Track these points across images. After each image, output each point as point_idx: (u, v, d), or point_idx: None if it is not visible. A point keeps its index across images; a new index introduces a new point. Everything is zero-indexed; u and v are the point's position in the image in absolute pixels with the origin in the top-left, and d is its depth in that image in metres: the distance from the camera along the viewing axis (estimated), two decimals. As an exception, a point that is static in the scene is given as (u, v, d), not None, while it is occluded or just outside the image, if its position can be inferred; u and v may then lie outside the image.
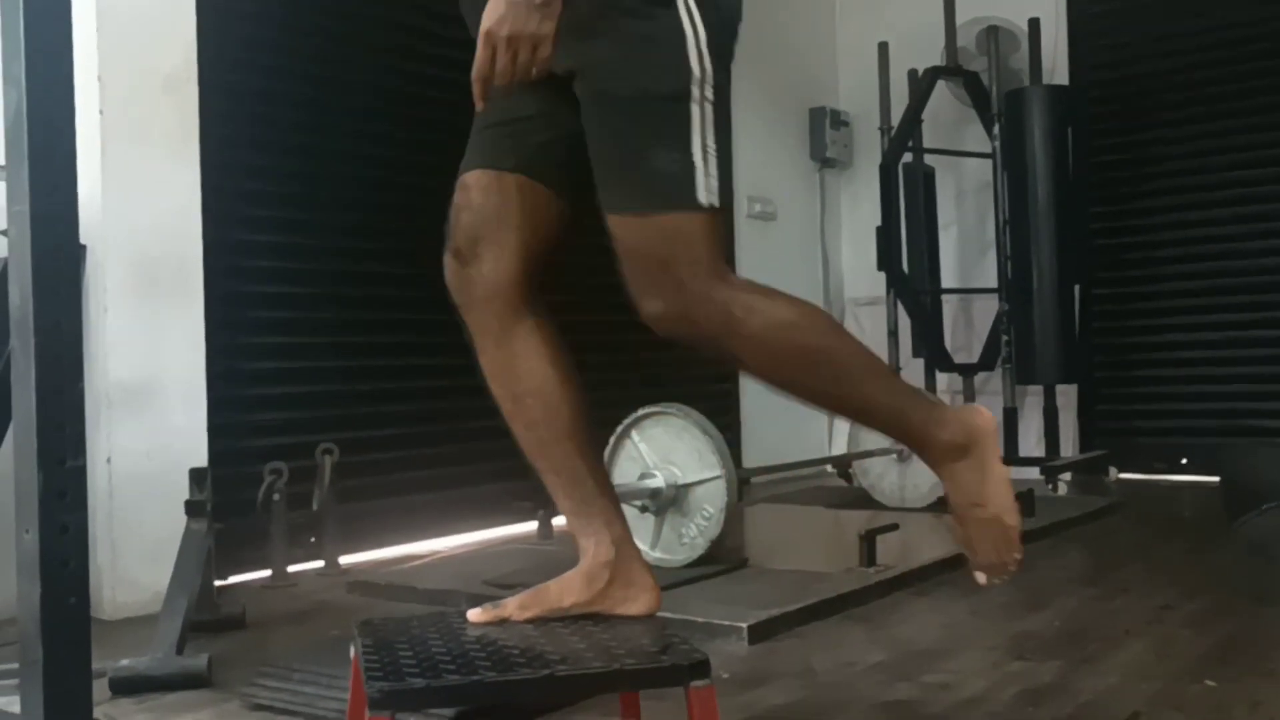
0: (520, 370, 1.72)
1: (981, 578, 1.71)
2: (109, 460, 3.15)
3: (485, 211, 1.72)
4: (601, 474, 1.77)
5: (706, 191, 1.59)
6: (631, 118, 1.59)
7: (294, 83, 3.85)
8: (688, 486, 3.28)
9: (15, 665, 1.59)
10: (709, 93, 1.60)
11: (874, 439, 4.59)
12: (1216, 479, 4.25)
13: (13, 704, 1.68)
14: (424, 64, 4.17)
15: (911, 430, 1.69)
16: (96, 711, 1.63)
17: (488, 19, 1.51)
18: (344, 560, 3.73)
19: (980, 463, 1.69)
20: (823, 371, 1.66)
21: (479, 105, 1.59)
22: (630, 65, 1.57)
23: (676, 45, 1.58)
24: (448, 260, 1.75)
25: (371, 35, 4.11)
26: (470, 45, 1.58)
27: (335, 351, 3.95)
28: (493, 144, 1.76)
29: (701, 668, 1.46)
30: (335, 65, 3.98)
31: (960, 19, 5.44)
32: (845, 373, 1.66)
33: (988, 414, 1.74)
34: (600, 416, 3.42)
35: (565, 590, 1.70)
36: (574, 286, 2.77)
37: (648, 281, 1.60)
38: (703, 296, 1.59)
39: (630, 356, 4.65)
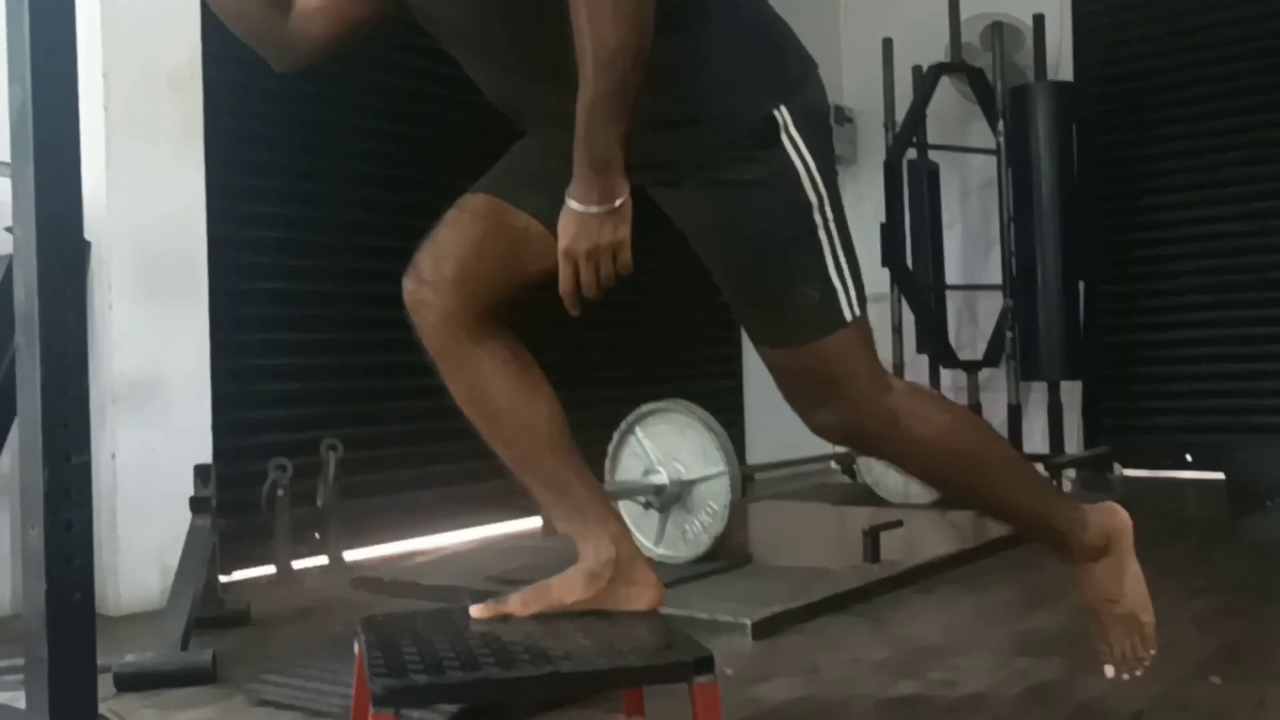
0: (490, 392, 1.71)
1: (1110, 670, 1.83)
2: (114, 456, 3.15)
3: (468, 236, 1.71)
4: (588, 478, 1.76)
5: (849, 308, 1.64)
6: (764, 259, 1.61)
7: (298, 80, 3.82)
8: (692, 483, 3.28)
9: (21, 661, 1.59)
10: (829, 212, 1.62)
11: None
12: (1222, 476, 4.24)
13: (18, 700, 1.69)
14: (431, 61, 4.16)
15: (1056, 533, 1.79)
16: (102, 707, 1.64)
17: (563, 238, 1.50)
18: (348, 556, 3.73)
19: (1118, 561, 1.80)
20: (977, 475, 1.76)
21: (573, 313, 1.57)
22: (752, 209, 1.59)
23: (792, 182, 1.59)
24: (407, 276, 1.74)
25: (378, 32, 4.10)
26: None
27: (340, 348, 3.95)
28: (522, 180, 1.74)
29: (705, 664, 1.46)
30: (340, 62, 3.97)
31: (964, 15, 5.42)
32: (998, 477, 1.77)
33: (1123, 514, 1.83)
34: (604, 414, 3.46)
35: (568, 587, 1.70)
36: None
37: (812, 400, 1.67)
38: (868, 407, 1.66)
39: (633, 353, 4.66)
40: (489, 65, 1.68)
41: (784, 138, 1.58)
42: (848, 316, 1.63)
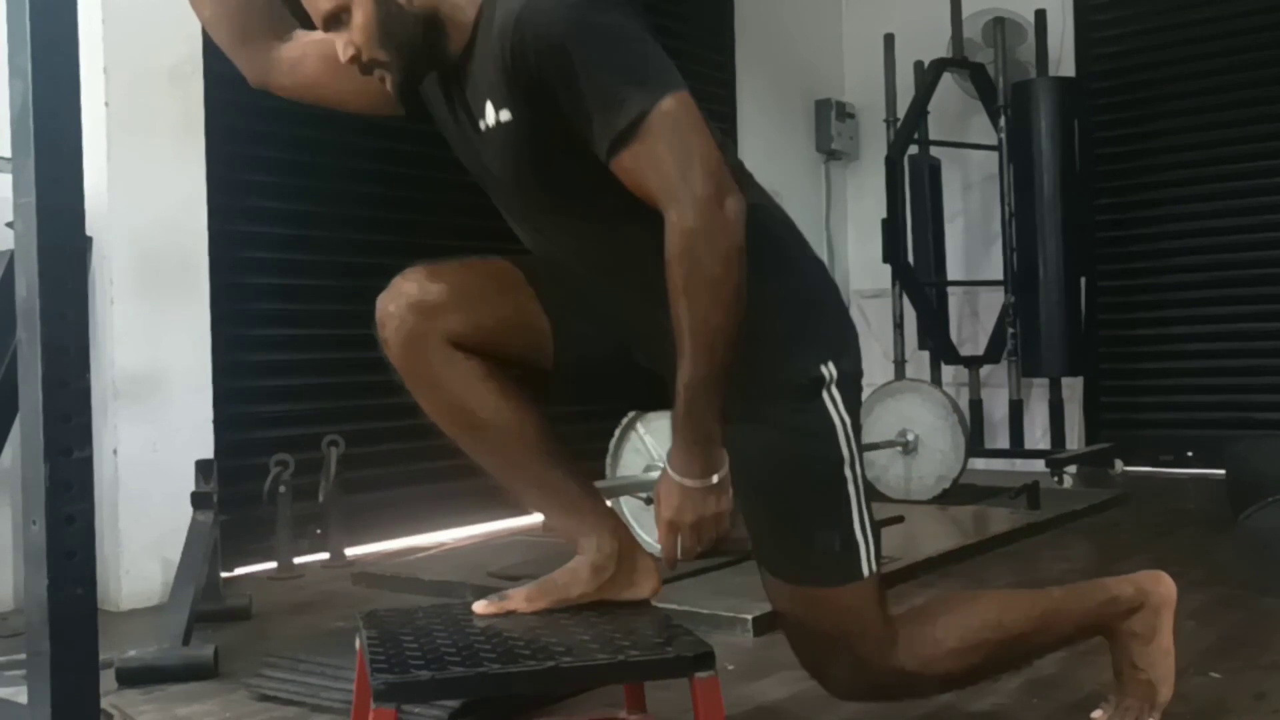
0: (469, 405, 1.69)
1: (1098, 714, 1.88)
2: (115, 452, 3.15)
3: (474, 279, 1.69)
4: (578, 476, 1.76)
5: (868, 563, 1.66)
6: (796, 501, 1.65)
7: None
8: (693, 478, 3.27)
9: (23, 656, 1.60)
10: (858, 469, 1.67)
11: (879, 431, 4.59)
12: (1222, 472, 4.25)
13: (20, 695, 1.70)
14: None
15: (1097, 630, 1.85)
16: (104, 702, 1.64)
17: (666, 509, 1.53)
18: (349, 552, 3.74)
19: (1149, 627, 1.82)
20: (1013, 650, 1.80)
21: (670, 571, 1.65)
22: (791, 453, 1.63)
23: (829, 435, 1.63)
24: (390, 286, 1.71)
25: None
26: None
27: (341, 343, 3.95)
28: (558, 284, 1.71)
29: (706, 659, 1.46)
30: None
31: (966, 10, 5.42)
32: (1031, 641, 1.80)
33: (1169, 584, 1.85)
34: (606, 409, 3.45)
35: (572, 581, 1.70)
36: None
37: (822, 656, 1.69)
38: (878, 665, 1.67)
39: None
40: (539, 238, 1.71)
41: (825, 393, 1.64)
42: (865, 572, 1.65)
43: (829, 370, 1.64)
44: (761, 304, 1.54)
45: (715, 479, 1.51)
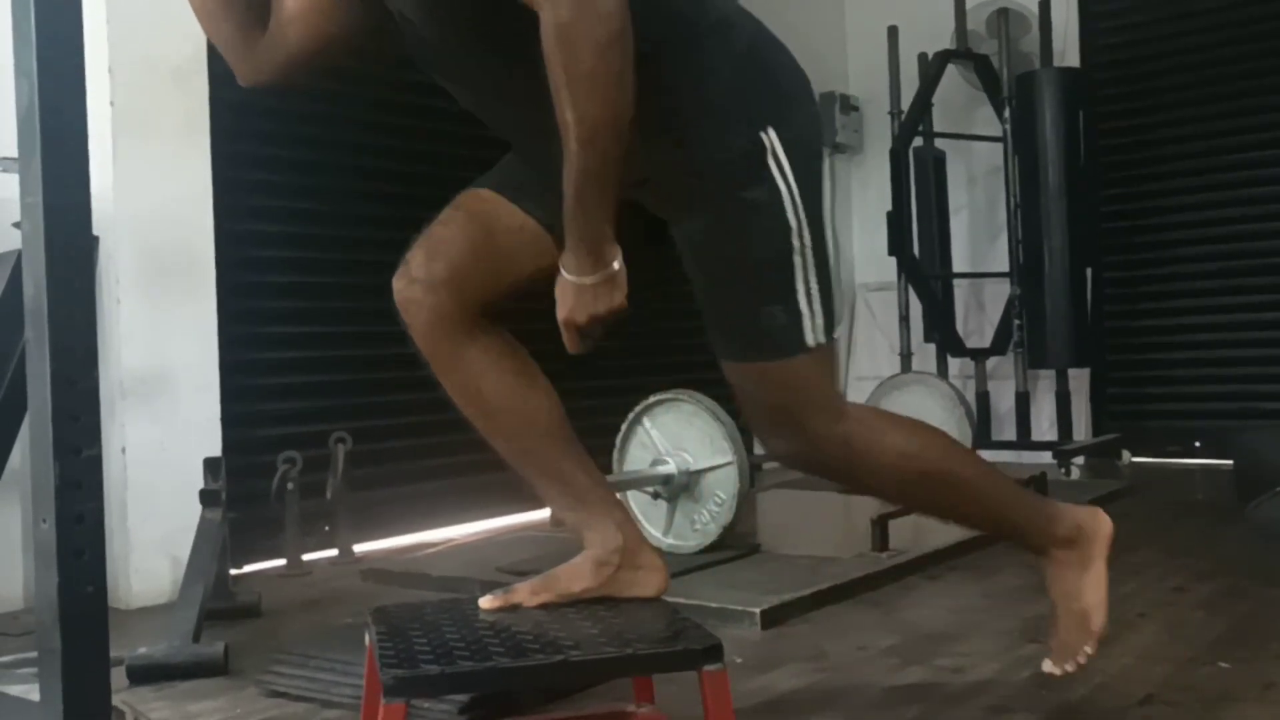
0: (485, 388, 1.71)
1: (1048, 664, 1.84)
2: (124, 451, 3.16)
3: (462, 235, 1.72)
4: (589, 467, 1.77)
5: (814, 333, 1.64)
6: (739, 278, 1.63)
7: (303, 73, 3.85)
8: (699, 473, 3.28)
9: (34, 654, 1.60)
10: (808, 238, 1.63)
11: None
12: (1230, 462, 4.24)
13: (31, 692, 1.70)
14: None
15: (1026, 534, 1.82)
16: (115, 700, 1.65)
17: (561, 309, 1.52)
18: (358, 548, 3.75)
19: (1083, 559, 1.82)
20: (944, 492, 1.78)
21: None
22: (737, 234, 1.61)
23: (775, 206, 1.60)
24: (397, 274, 1.75)
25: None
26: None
27: (347, 340, 3.96)
28: (520, 179, 1.74)
29: (714, 652, 1.47)
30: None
31: (970, 2, 5.42)
32: (965, 492, 1.78)
33: (1106, 520, 1.86)
34: (611, 403, 3.46)
35: (576, 575, 1.70)
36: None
37: (770, 424, 1.69)
38: (824, 436, 1.67)
39: (641, 344, 4.66)
40: (468, 91, 1.72)
41: (770, 161, 1.60)
42: (810, 342, 1.64)
43: (769, 138, 1.59)
44: (690, 80, 1.54)
45: (604, 275, 1.49)
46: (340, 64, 1.86)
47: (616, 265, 1.50)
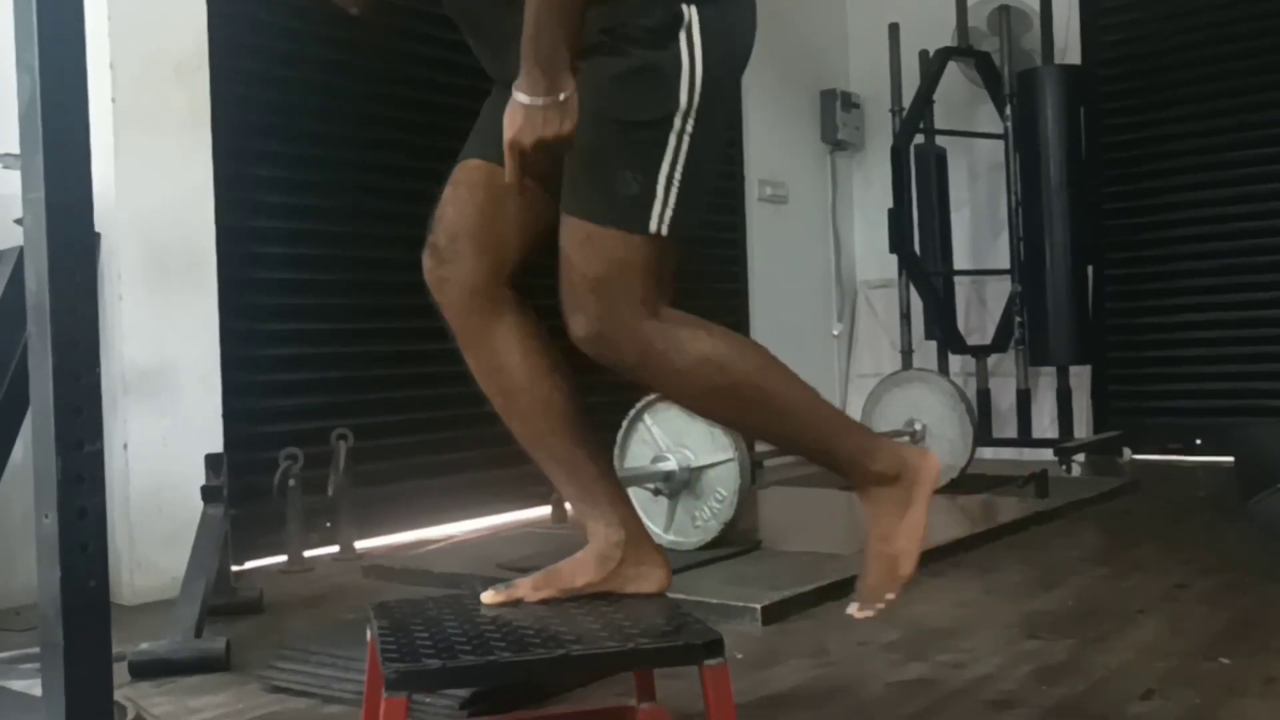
0: (507, 367, 1.72)
1: (853, 607, 1.70)
2: (126, 446, 3.17)
3: (470, 208, 1.73)
4: (602, 458, 1.77)
5: (659, 220, 1.59)
6: (611, 135, 1.59)
7: (306, 68, 3.86)
8: (700, 469, 3.28)
9: (36, 650, 1.61)
10: (692, 125, 1.60)
11: (886, 420, 4.59)
12: (1231, 459, 4.24)
13: (34, 687, 1.70)
14: (439, 49, 4.17)
15: (840, 463, 1.71)
16: (116, 695, 1.65)
17: (509, 129, 1.51)
18: (359, 545, 3.75)
19: (904, 501, 1.71)
20: (746, 407, 1.68)
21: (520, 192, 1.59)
22: (624, 88, 1.58)
23: (670, 76, 1.58)
24: (425, 256, 1.76)
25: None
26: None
27: (349, 337, 3.96)
28: (497, 135, 1.77)
29: (715, 646, 1.47)
30: (347, 50, 3.98)
31: (971, -1, 5.42)
32: (777, 412, 1.69)
33: (934, 462, 1.74)
34: (613, 400, 3.46)
35: (578, 571, 1.71)
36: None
37: (579, 297, 1.61)
38: (627, 326, 1.60)
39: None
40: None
41: (682, 35, 1.58)
42: (652, 227, 1.59)
43: (689, 12, 1.58)
44: None
45: (556, 99, 1.49)
46: None
47: (568, 93, 1.50)
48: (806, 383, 1.72)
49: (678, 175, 1.60)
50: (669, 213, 1.60)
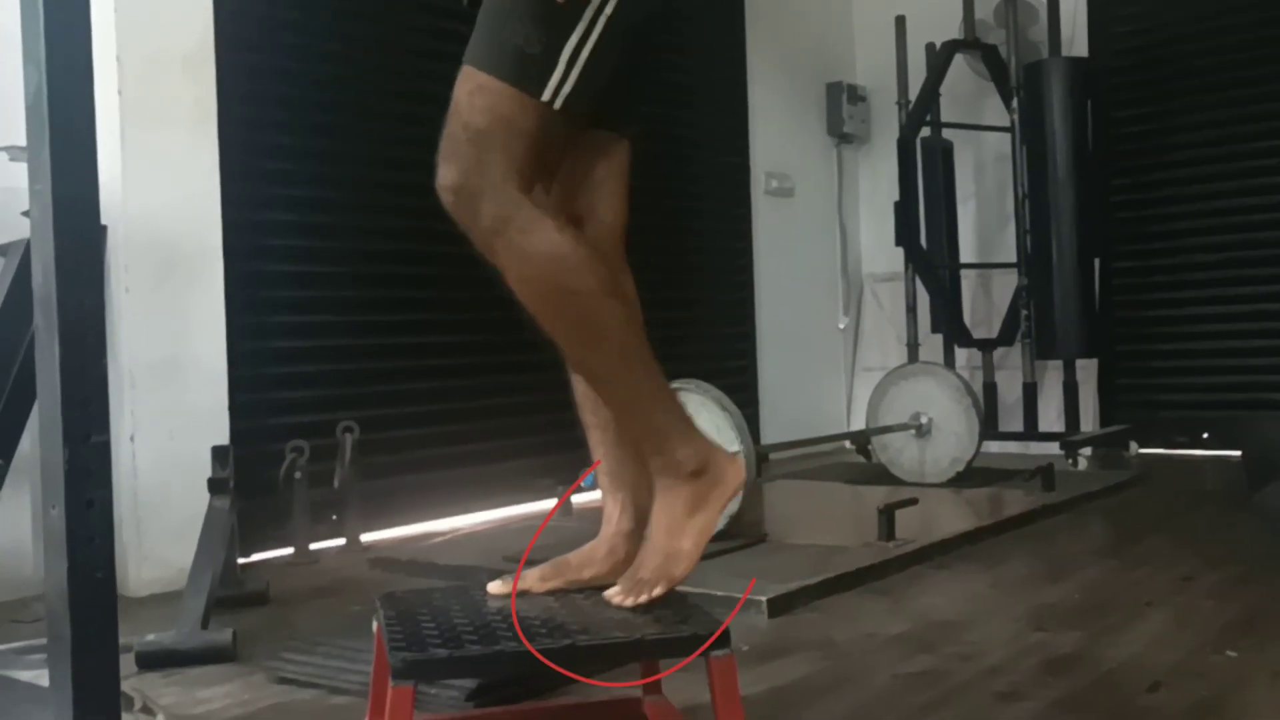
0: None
1: (613, 591, 1.62)
2: (132, 439, 3.17)
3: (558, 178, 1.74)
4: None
5: (554, 90, 1.55)
6: None
7: (312, 62, 3.86)
8: (707, 462, 3.27)
9: (44, 641, 1.61)
10: (609, 9, 1.56)
11: (892, 414, 4.59)
12: (1238, 453, 4.23)
13: (41, 678, 1.71)
14: (445, 43, 4.16)
15: (651, 427, 1.64)
16: (124, 686, 1.65)
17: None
18: (365, 537, 3.75)
19: (698, 499, 1.63)
20: (580, 325, 1.59)
21: None
22: None
23: None
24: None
25: (390, 13, 4.11)
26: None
27: (356, 330, 3.96)
28: None
29: (722, 637, 1.47)
30: (353, 44, 3.98)
31: (978, -9, 5.40)
32: (603, 338, 1.60)
33: (741, 469, 1.68)
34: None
35: (585, 562, 1.70)
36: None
37: (455, 145, 1.56)
38: (494, 187, 1.54)
39: (648, 334, 4.65)
40: None
41: None
42: (544, 95, 1.54)
43: None
44: None
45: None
46: None
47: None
48: (648, 343, 1.64)
49: (584, 56, 1.56)
50: (567, 87, 1.55)
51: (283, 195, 3.76)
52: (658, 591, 1.58)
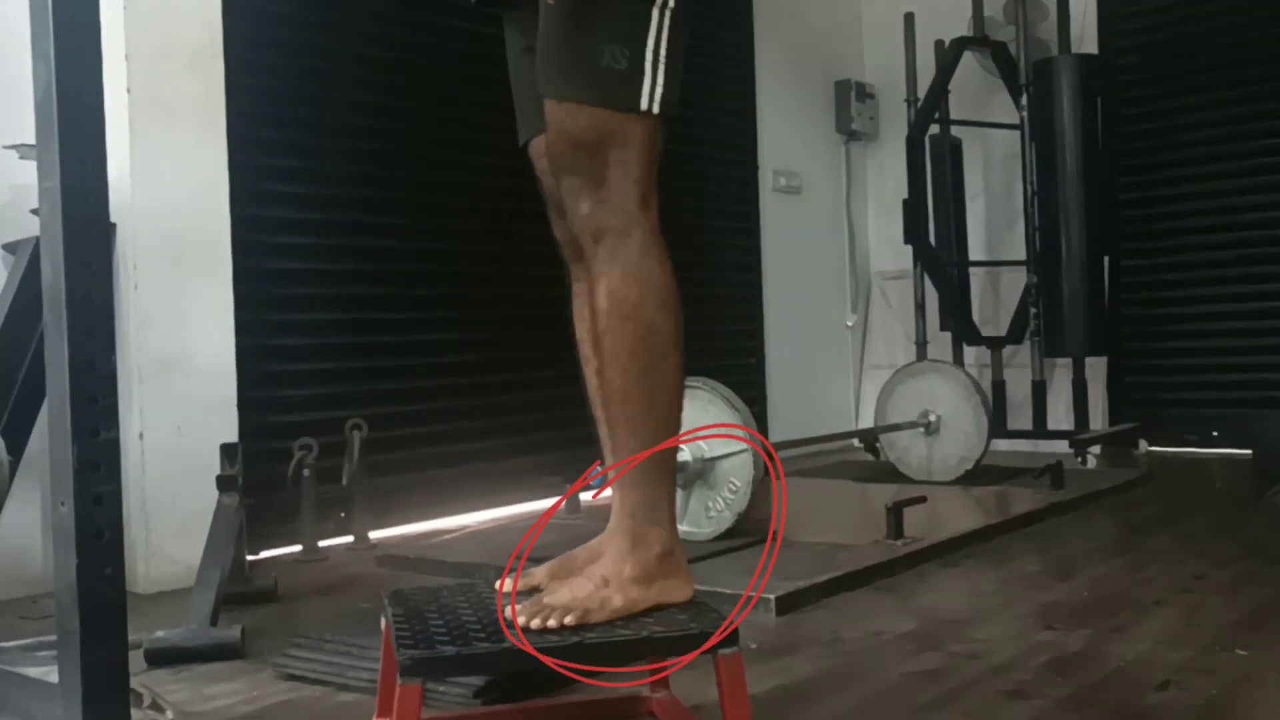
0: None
1: (522, 608, 1.54)
2: (141, 436, 3.18)
3: (550, 181, 1.75)
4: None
5: (649, 97, 1.56)
6: (589, 11, 1.55)
7: (320, 58, 3.86)
8: (714, 460, 3.28)
9: (53, 637, 1.61)
10: (674, 4, 1.57)
11: (900, 412, 4.59)
12: (1248, 451, 4.22)
13: (50, 674, 1.71)
14: (453, 40, 4.17)
15: (643, 488, 1.61)
16: (132, 682, 1.66)
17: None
18: (373, 535, 3.76)
19: (646, 576, 1.59)
20: (642, 356, 1.59)
21: None
22: None
23: None
24: (552, 217, 1.82)
25: (399, 8, 4.11)
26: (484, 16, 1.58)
27: (364, 327, 3.97)
28: (523, 109, 1.78)
29: (730, 636, 1.47)
30: (363, 40, 3.98)
31: (987, -12, 5.39)
32: (654, 380, 1.60)
33: (690, 590, 1.64)
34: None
35: (592, 558, 1.70)
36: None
37: (575, 170, 1.57)
38: (618, 204, 1.56)
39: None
40: None
41: None
42: (643, 105, 1.56)
43: None
44: None
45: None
46: None
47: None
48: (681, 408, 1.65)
49: (664, 53, 1.57)
50: (659, 90, 1.57)
51: (291, 192, 3.76)
52: (569, 620, 1.50)
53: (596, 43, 1.55)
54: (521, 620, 1.51)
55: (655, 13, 1.57)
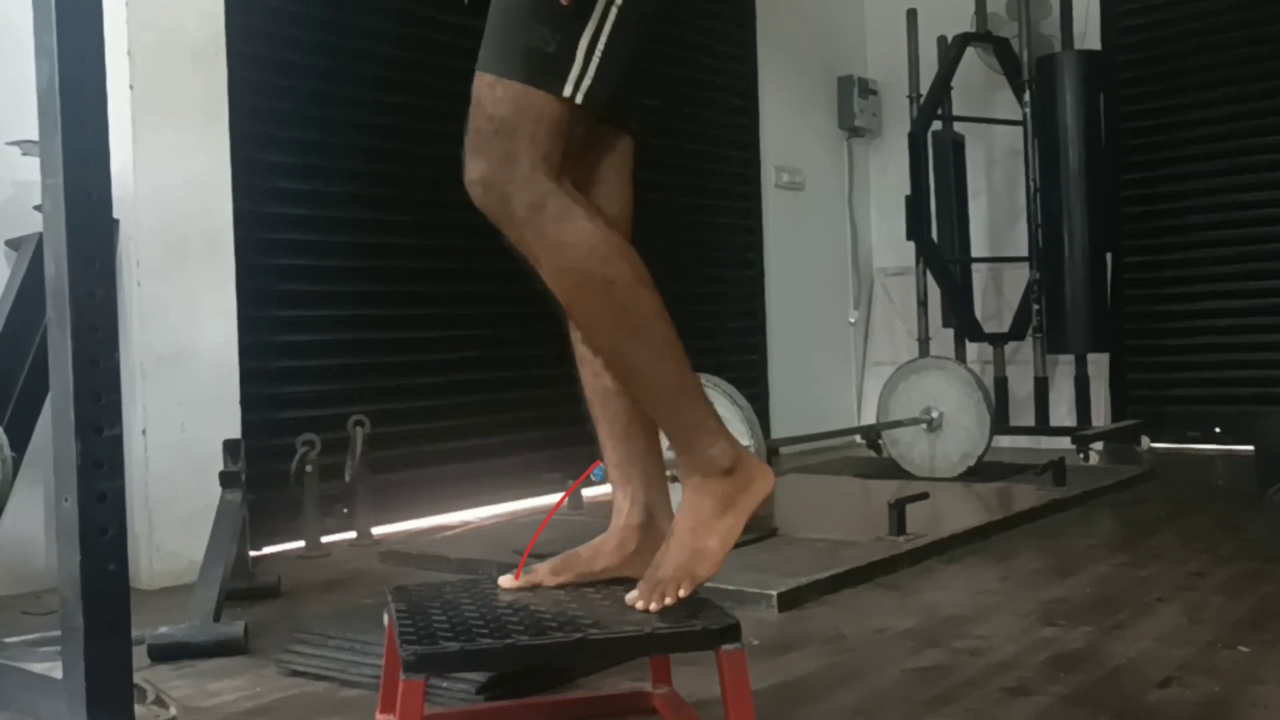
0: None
1: (633, 595, 1.57)
2: (144, 432, 3.18)
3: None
4: (653, 436, 1.75)
5: (575, 85, 1.55)
6: None
7: (323, 54, 3.86)
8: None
9: (57, 633, 1.62)
10: (622, 9, 1.56)
11: (903, 408, 4.59)
12: (1250, 448, 4.22)
13: (54, 670, 1.72)
14: (455, 36, 4.16)
15: (682, 422, 1.63)
16: (135, 678, 1.66)
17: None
18: (376, 531, 3.76)
19: (726, 500, 1.61)
20: (615, 316, 1.57)
21: None
22: None
23: None
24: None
25: (402, 6, 4.10)
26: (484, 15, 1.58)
27: (367, 323, 3.97)
28: None
29: (732, 632, 1.47)
30: (365, 37, 3.98)
31: (990, -16, 5.38)
32: (639, 328, 1.58)
33: (770, 479, 1.66)
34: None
35: (596, 555, 1.71)
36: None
37: (483, 140, 1.56)
38: (525, 177, 1.54)
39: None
40: None
41: None
42: (566, 90, 1.54)
43: None
44: None
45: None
46: None
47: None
48: (679, 341, 1.62)
49: (601, 48, 1.56)
50: (586, 81, 1.55)
51: (295, 189, 3.76)
52: (682, 592, 1.54)
53: (529, 22, 1.54)
54: (640, 605, 1.53)
55: (600, 7, 1.55)
